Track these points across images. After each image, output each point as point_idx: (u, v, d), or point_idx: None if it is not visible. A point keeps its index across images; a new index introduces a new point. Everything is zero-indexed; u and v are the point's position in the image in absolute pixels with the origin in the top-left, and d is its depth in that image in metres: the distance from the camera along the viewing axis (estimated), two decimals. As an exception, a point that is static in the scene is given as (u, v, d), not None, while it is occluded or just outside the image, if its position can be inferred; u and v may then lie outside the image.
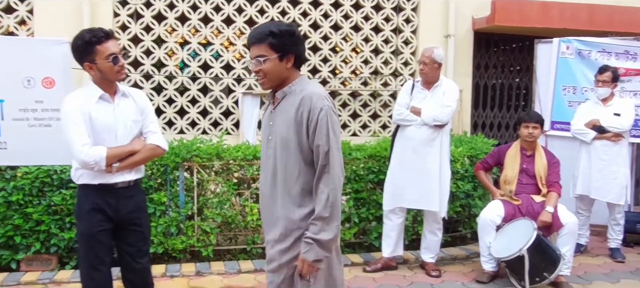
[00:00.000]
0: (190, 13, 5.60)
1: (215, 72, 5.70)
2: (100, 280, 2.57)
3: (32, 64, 3.81)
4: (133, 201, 2.60)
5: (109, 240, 2.57)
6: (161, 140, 2.63)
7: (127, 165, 2.51)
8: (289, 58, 2.01)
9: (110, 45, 2.43)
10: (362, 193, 4.50)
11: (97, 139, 2.45)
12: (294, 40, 2.03)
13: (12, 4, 5.26)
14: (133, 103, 2.58)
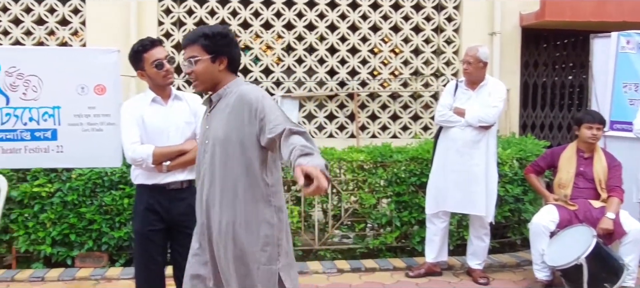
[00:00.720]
0: (230, 19, 5.92)
1: (255, 76, 5.99)
2: (152, 278, 2.82)
3: (85, 72, 4.16)
4: (184, 203, 2.76)
5: (161, 239, 2.80)
6: None
7: (177, 165, 2.73)
8: (221, 60, 2.09)
9: (155, 52, 2.70)
10: (404, 196, 4.62)
11: (150, 140, 2.71)
12: (227, 42, 2.10)
13: (66, 17, 5.74)
14: (186, 106, 2.81)
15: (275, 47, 6.03)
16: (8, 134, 4.10)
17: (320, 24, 6.01)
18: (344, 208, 4.68)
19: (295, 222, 4.45)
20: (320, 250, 4.63)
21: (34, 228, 4.23)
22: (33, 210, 4.23)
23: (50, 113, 4.12)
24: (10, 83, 4.07)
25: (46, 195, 4.24)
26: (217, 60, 2.09)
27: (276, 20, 5.96)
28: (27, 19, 5.73)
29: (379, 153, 4.68)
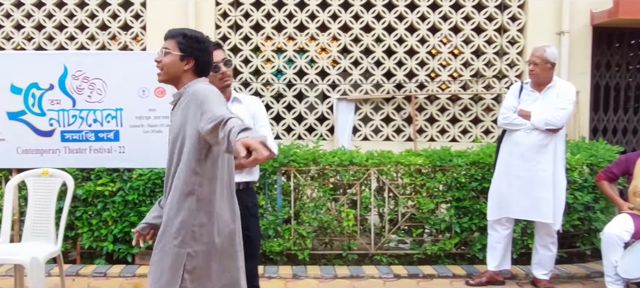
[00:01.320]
0: (286, 22, 6.07)
1: (310, 79, 6.11)
2: None
3: (146, 75, 4.34)
4: (241, 205, 2.78)
5: None
6: (271, 144, 2.89)
7: (236, 166, 2.86)
8: (188, 60, 2.26)
9: (213, 55, 2.83)
10: (464, 201, 4.58)
11: None
12: (200, 47, 2.28)
13: (128, 22, 6.09)
14: (245, 108, 2.92)
15: (331, 50, 6.12)
16: (74, 134, 4.41)
17: (377, 26, 6.05)
18: (401, 212, 4.69)
19: (351, 226, 4.50)
20: (376, 254, 4.65)
21: (97, 225, 4.52)
22: (96, 208, 4.52)
23: (113, 115, 4.40)
24: (76, 86, 4.37)
25: (108, 194, 4.51)
26: (185, 59, 2.27)
27: (332, 22, 6.06)
28: (91, 25, 6.11)
29: (438, 157, 4.66)
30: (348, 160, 4.62)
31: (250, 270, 2.92)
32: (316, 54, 6.14)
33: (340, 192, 4.71)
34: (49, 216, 3.72)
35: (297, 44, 6.16)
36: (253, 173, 2.95)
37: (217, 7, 6.09)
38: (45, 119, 4.41)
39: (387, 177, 4.68)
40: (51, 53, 5.46)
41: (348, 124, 5.96)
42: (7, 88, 4.38)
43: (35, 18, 6.12)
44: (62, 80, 4.39)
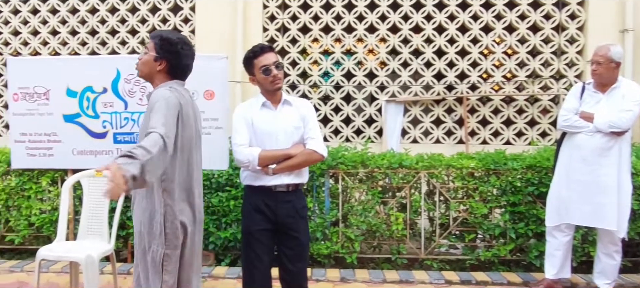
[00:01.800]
0: (333, 24, 6.14)
1: (358, 81, 6.15)
2: (258, 277, 2.98)
3: (195, 78, 4.45)
4: (290, 206, 2.95)
5: (268, 240, 2.97)
6: (319, 146, 2.96)
7: (284, 168, 2.90)
8: (161, 62, 2.52)
9: (263, 58, 2.91)
10: (520, 206, 4.50)
11: (259, 143, 2.92)
12: (171, 49, 2.51)
13: (177, 26, 6.33)
14: (295, 111, 3.00)
15: (380, 51, 6.14)
16: (126, 136, 4.60)
17: (428, 26, 6.03)
18: (452, 217, 4.64)
19: (400, 230, 4.50)
20: (426, 259, 4.63)
21: (148, 225, 4.68)
22: (147, 209, 4.68)
23: (164, 117, 4.56)
24: (128, 89, 4.57)
25: (160, 195, 4.67)
26: (159, 61, 2.53)
27: (381, 23, 6.08)
28: (142, 29, 6.38)
29: (492, 160, 4.60)
30: (397, 163, 4.63)
31: (300, 270, 3.01)
32: (364, 55, 6.18)
33: (389, 195, 4.72)
34: (102, 215, 3.91)
35: (344, 46, 6.22)
36: (302, 175, 3.01)
37: (265, 10, 6.24)
38: (99, 121, 4.63)
39: (438, 181, 4.65)
40: (105, 57, 5.72)
41: (397, 126, 5.96)
42: (63, 92, 4.63)
43: (89, 24, 6.45)
44: (115, 83, 4.60)
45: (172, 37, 2.55)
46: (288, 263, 2.99)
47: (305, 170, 3.03)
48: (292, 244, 2.97)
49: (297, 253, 2.99)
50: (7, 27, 6.59)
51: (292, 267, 2.98)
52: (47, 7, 6.51)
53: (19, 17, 6.56)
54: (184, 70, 2.64)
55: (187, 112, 2.54)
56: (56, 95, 4.65)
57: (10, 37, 6.59)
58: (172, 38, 2.55)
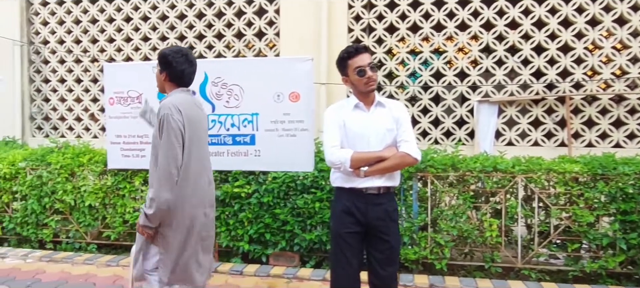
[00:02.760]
0: (422, 22, 6.22)
1: (448, 80, 6.18)
2: (346, 279, 3.08)
3: (281, 80, 4.81)
4: (381, 208, 3.03)
5: (357, 242, 3.07)
6: (413, 149, 3.01)
7: (376, 171, 2.98)
8: (164, 74, 3.08)
9: (358, 59, 3.01)
10: (632, 215, 4.32)
11: (350, 144, 3.03)
12: (165, 62, 3.06)
13: (262, 29, 6.70)
14: (388, 112, 3.07)
15: (472, 49, 6.13)
16: (213, 138, 4.95)
17: (525, 22, 5.95)
18: (553, 224, 4.54)
19: (494, 237, 4.47)
20: (523, 269, 4.56)
21: (234, 225, 5.02)
22: (233, 209, 5.02)
23: (249, 119, 4.87)
24: (215, 92, 4.92)
25: (245, 196, 4.99)
26: (163, 73, 3.10)
27: (473, 20, 6.08)
28: (228, 33, 6.81)
29: (599, 165, 4.46)
30: (491, 166, 4.61)
31: (390, 274, 3.06)
32: (454, 54, 6.20)
33: (482, 200, 4.71)
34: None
35: (433, 45, 6.28)
36: (394, 178, 3.07)
37: (350, 10, 6.44)
38: (188, 123, 5.02)
39: (537, 185, 4.57)
40: (193, 61, 6.16)
41: (490, 127, 5.91)
42: (154, 95, 5.03)
43: (178, 29, 6.98)
44: (203, 86, 4.96)
45: (165, 51, 3.11)
46: (378, 267, 3.05)
47: (397, 173, 3.09)
48: (382, 247, 3.04)
49: (387, 256, 3.05)
50: (103, 35, 7.30)
51: (382, 271, 3.05)
52: (139, 15, 7.13)
53: (113, 25, 7.25)
54: (182, 77, 3.10)
55: (191, 115, 3.02)
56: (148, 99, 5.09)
57: (106, 44, 7.29)
58: (166, 51, 3.10)
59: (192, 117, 3.00)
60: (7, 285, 4.63)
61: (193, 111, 3.03)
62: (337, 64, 3.13)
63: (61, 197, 5.52)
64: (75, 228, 5.59)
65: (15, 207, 5.81)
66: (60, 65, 7.59)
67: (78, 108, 7.52)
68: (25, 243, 5.81)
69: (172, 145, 2.89)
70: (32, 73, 7.71)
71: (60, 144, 6.05)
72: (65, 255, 5.41)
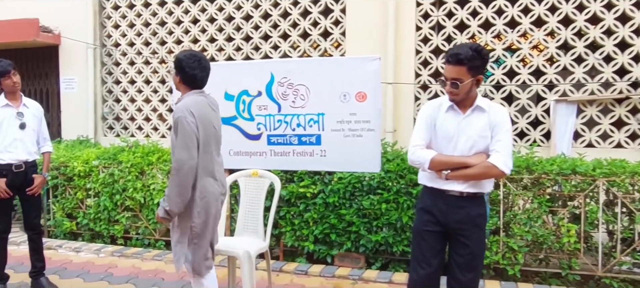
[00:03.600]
0: (494, 19, 6.17)
1: (522, 79, 6.09)
2: (423, 278, 3.12)
3: (347, 80, 4.90)
4: (463, 212, 3.03)
5: (435, 242, 3.10)
6: (501, 161, 2.92)
7: (458, 176, 2.98)
8: (178, 76, 3.42)
9: (447, 69, 2.98)
10: None
11: (437, 145, 3.06)
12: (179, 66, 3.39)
13: (328, 29, 6.85)
14: (486, 118, 2.99)
15: (548, 46, 6.02)
16: (279, 138, 5.12)
17: (608, 16, 5.78)
18: (638, 231, 4.40)
19: (572, 243, 4.39)
20: (604, 277, 4.45)
21: (299, 225, 5.17)
22: (299, 209, 5.17)
23: (315, 119, 5.00)
24: (281, 92, 5.08)
25: (310, 196, 5.14)
26: (177, 76, 3.43)
27: (550, 15, 5.97)
28: (293, 33, 7.01)
29: (689, 168, 4.29)
30: (570, 169, 4.53)
31: (469, 280, 3.05)
32: (529, 51, 6.11)
33: (559, 204, 4.62)
34: (258, 214, 4.38)
35: (506, 42, 6.21)
36: (481, 184, 3.03)
37: (418, 8, 6.48)
38: (254, 123, 5.21)
39: (620, 190, 4.44)
40: (260, 62, 6.30)
41: (568, 128, 5.79)
42: (221, 95, 5.28)
43: (244, 30, 7.25)
44: (269, 87, 5.14)
45: (179, 55, 3.44)
46: (457, 271, 3.06)
47: (487, 180, 3.04)
48: (462, 251, 3.04)
49: (467, 261, 3.04)
50: (171, 36, 7.68)
51: (461, 276, 3.04)
52: (206, 17, 7.46)
53: (181, 27, 7.61)
54: (194, 80, 3.43)
55: (204, 115, 3.38)
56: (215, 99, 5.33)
57: (174, 46, 7.66)
58: (179, 56, 3.43)
59: (205, 117, 3.38)
60: (82, 277, 5.00)
61: (205, 111, 3.42)
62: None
63: (131, 195, 5.87)
64: (145, 225, 5.92)
65: (89, 204, 6.23)
66: (130, 67, 8.04)
67: (147, 108, 7.93)
68: (98, 239, 6.22)
69: (185, 146, 3.27)
70: (104, 75, 8.21)
71: (131, 143, 6.43)
72: (135, 250, 5.77)
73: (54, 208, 6.38)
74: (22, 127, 4.50)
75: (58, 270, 5.19)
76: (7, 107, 4.47)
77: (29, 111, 4.59)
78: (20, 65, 8.80)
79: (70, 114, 8.33)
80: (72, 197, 6.27)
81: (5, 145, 4.42)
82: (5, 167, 4.42)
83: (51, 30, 8.14)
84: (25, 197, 4.58)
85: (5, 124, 4.43)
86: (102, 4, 8.14)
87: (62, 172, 6.29)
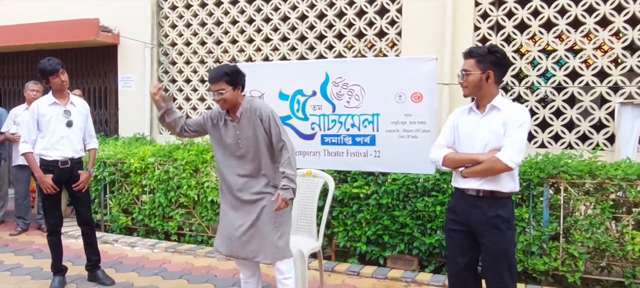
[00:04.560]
0: (556, 18, 6.10)
1: (585, 81, 6.01)
2: (451, 277, 3.33)
3: (403, 80, 4.96)
4: (480, 212, 3.15)
5: (461, 241, 3.26)
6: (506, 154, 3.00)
7: (470, 173, 3.15)
8: (238, 87, 3.64)
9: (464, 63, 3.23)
10: None
11: (460, 146, 3.26)
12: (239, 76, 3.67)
13: (383, 29, 6.94)
14: (501, 116, 3.11)
15: (614, 47, 5.91)
16: (333, 138, 5.24)
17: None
18: None
19: (637, 251, 4.32)
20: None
21: (351, 226, 5.28)
22: (351, 210, 5.27)
23: (370, 120, 5.09)
24: (336, 92, 5.20)
25: (363, 197, 5.23)
26: (236, 89, 3.64)
27: (616, 15, 5.87)
28: (348, 33, 7.12)
29: None
30: (636, 174, 4.45)
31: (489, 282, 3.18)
32: (593, 52, 6.01)
33: (623, 211, 4.55)
34: (311, 213, 4.50)
35: (568, 43, 6.13)
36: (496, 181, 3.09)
37: (477, 7, 6.48)
38: (308, 123, 5.34)
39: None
40: (315, 62, 6.49)
41: (634, 132, 5.68)
42: (276, 95, 5.44)
43: (299, 30, 7.41)
44: (324, 87, 5.26)
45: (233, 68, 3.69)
46: (484, 271, 3.20)
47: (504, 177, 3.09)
48: (484, 252, 3.18)
49: (488, 264, 3.15)
50: (226, 36, 7.93)
51: (485, 276, 3.20)
52: (261, 17, 7.67)
53: (236, 27, 7.85)
54: (243, 86, 3.74)
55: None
56: (270, 99, 5.43)
57: (229, 46, 7.91)
58: (235, 68, 3.70)
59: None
60: (137, 272, 5.26)
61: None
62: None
63: (186, 192, 6.11)
64: (198, 222, 6.15)
65: (144, 200, 6.51)
66: (186, 66, 8.34)
67: (202, 107, 8.21)
68: (152, 234, 6.50)
69: (286, 130, 3.70)
70: (161, 73, 8.55)
71: (186, 141, 6.68)
72: (188, 247, 6.00)
73: (110, 204, 6.71)
74: (69, 125, 4.73)
75: (114, 264, 5.48)
76: (55, 105, 4.70)
77: (75, 109, 4.83)
78: (80, 64, 9.31)
79: (127, 112, 8.72)
80: (128, 193, 6.58)
81: (52, 143, 4.66)
82: (51, 163, 4.66)
83: (111, 30, 8.55)
84: (74, 194, 4.83)
85: (52, 121, 4.66)
86: (160, 5, 8.48)
87: (119, 169, 6.60)
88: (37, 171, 4.61)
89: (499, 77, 3.17)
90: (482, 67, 3.13)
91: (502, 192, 3.13)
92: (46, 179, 4.59)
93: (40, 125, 4.65)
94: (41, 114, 4.63)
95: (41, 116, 4.63)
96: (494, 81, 3.15)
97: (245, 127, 3.67)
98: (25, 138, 4.67)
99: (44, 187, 4.60)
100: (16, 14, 9.13)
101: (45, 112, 4.64)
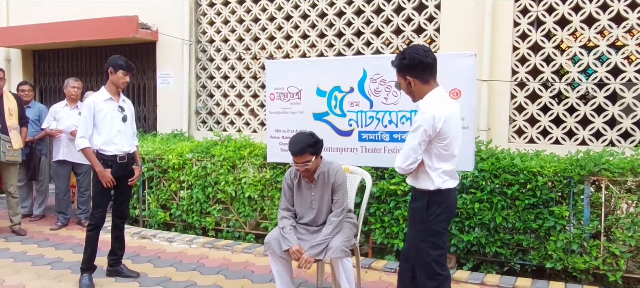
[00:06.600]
0: (598, 14, 6.09)
1: (628, 77, 5.99)
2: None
3: (441, 76, 4.84)
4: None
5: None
6: (396, 160, 3.39)
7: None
8: (320, 155, 4.11)
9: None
10: None
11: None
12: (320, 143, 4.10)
13: (421, 25, 7.04)
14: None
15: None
16: (370, 135, 5.36)
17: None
18: None
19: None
20: None
21: (389, 223, 5.39)
22: (389, 206, 5.39)
23: (408, 116, 5.19)
24: (374, 89, 5.31)
25: (401, 194, 5.33)
26: (318, 155, 4.10)
27: (661, 10, 5.85)
28: (386, 30, 7.22)
29: None
30: (680, 173, 4.47)
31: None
32: (636, 48, 5.98)
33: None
34: (348, 209, 4.64)
35: (610, 38, 6.11)
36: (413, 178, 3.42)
37: (516, 3, 6.50)
38: (345, 119, 5.48)
39: None
40: (353, 58, 6.57)
41: (678, 129, 5.63)
42: (313, 91, 5.59)
43: (336, 26, 7.55)
44: (362, 83, 5.38)
45: (316, 138, 4.09)
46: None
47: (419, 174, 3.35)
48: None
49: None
50: (264, 33, 8.11)
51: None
52: (299, 13, 7.83)
53: (274, 24, 8.02)
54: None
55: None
56: (307, 95, 5.62)
57: (267, 42, 8.10)
58: (318, 138, 4.11)
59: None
60: (175, 267, 5.44)
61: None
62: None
63: (223, 188, 6.31)
64: (235, 218, 6.34)
65: (182, 195, 6.73)
66: (224, 63, 8.56)
67: (239, 103, 8.41)
68: (190, 230, 6.72)
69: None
70: (199, 70, 8.79)
71: (223, 137, 6.89)
72: (225, 243, 6.19)
73: (149, 199, 6.96)
74: (124, 119, 4.96)
75: (152, 259, 5.68)
76: (111, 100, 4.91)
77: (126, 106, 5.06)
78: (120, 61, 9.60)
79: (166, 108, 9.00)
80: (167, 189, 6.81)
81: (110, 137, 4.86)
82: (110, 158, 4.86)
83: (149, 27, 8.82)
84: (123, 187, 5.04)
85: (109, 116, 4.86)
86: (198, 2, 8.72)
87: (158, 164, 6.84)
88: (97, 165, 4.79)
89: (421, 77, 3.36)
90: (402, 75, 3.40)
91: (415, 187, 3.45)
92: (106, 173, 4.79)
93: (95, 120, 4.83)
94: (98, 109, 4.82)
95: (98, 112, 4.82)
96: (420, 82, 3.36)
97: (319, 188, 4.14)
98: (82, 133, 4.81)
99: (104, 181, 4.80)
100: (52, 13, 9.52)
101: (101, 107, 4.84)
